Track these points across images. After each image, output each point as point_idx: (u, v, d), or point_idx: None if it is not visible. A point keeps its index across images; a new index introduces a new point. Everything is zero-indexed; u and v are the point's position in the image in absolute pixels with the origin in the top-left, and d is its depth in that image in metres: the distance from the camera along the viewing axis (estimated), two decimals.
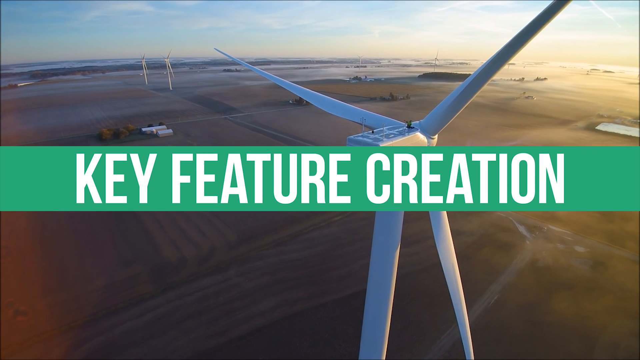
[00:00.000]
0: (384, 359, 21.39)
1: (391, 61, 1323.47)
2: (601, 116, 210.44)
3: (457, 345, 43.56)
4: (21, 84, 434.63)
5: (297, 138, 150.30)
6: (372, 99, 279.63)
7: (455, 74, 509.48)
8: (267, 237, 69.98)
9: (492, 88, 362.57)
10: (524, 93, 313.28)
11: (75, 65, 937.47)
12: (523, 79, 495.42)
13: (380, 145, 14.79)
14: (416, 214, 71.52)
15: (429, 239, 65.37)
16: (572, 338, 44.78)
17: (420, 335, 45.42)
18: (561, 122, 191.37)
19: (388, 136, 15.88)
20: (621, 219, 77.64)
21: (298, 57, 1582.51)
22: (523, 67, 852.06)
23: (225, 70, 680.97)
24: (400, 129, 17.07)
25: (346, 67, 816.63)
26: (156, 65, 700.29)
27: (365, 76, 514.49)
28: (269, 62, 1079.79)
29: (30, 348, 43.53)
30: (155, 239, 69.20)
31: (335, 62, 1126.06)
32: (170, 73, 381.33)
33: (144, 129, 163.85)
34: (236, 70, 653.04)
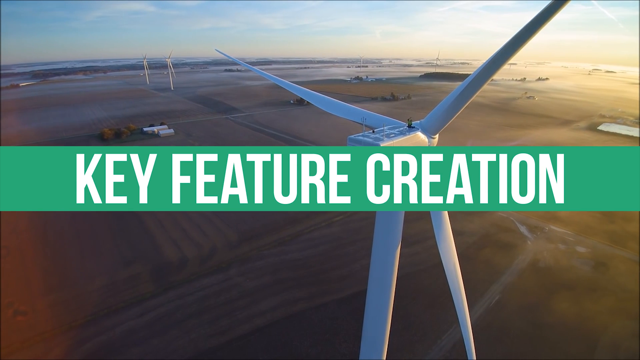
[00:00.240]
0: (385, 359, 21.40)
1: (392, 61, 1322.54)
2: (603, 116, 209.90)
3: (458, 346, 43.53)
4: (23, 84, 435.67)
5: (298, 138, 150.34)
6: (374, 99, 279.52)
7: (457, 73, 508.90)
8: (268, 237, 70.04)
9: (494, 88, 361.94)
10: (526, 93, 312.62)
11: (77, 65, 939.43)
12: (525, 79, 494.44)
13: (381, 144, 14.77)
14: (417, 214, 71.46)
15: (430, 239, 65.33)
16: (573, 339, 44.70)
17: (421, 336, 45.40)
18: (563, 122, 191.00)
19: (389, 136, 15.86)
20: (623, 220, 77.44)
21: (299, 57, 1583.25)
22: (525, 67, 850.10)
23: (226, 70, 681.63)
24: (401, 128, 17.07)
25: (347, 67, 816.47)
26: (157, 65, 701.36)
27: (367, 76, 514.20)
28: (270, 62, 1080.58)
29: (30, 347, 43.64)
30: (156, 239, 69.33)
31: (337, 62, 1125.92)
32: (171, 73, 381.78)
33: (145, 129, 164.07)
34: (237, 70, 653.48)
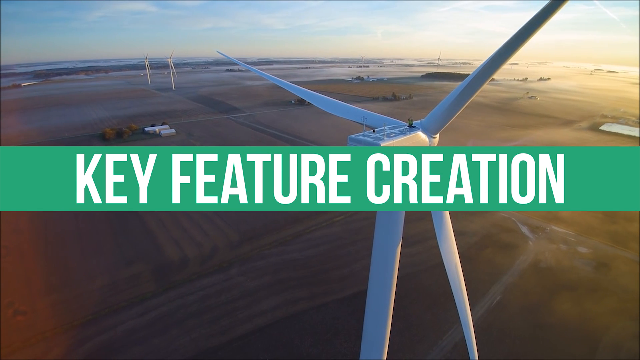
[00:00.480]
0: (385, 359, 21.39)
1: (394, 61, 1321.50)
2: (605, 116, 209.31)
3: (459, 346, 43.48)
4: (25, 84, 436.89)
5: (300, 138, 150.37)
6: (375, 98, 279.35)
7: (458, 73, 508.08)
8: (269, 237, 70.09)
9: (495, 88, 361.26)
10: (527, 93, 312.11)
11: (79, 65, 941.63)
12: (526, 79, 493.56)
13: (382, 144, 14.74)
14: (418, 214, 71.39)
15: (431, 239, 65.27)
16: (575, 340, 44.59)
17: (421, 336, 45.36)
18: (565, 123, 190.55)
19: (389, 135, 15.84)
20: (625, 220, 77.20)
21: (300, 57, 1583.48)
22: (526, 67, 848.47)
23: (227, 70, 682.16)
24: (402, 128, 17.04)
25: (348, 67, 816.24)
26: (159, 65, 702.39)
27: (368, 76, 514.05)
28: (271, 62, 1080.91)
29: (31, 347, 43.76)
30: (157, 238, 69.45)
31: (338, 62, 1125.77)
32: (173, 73, 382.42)
33: (146, 129, 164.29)
34: (239, 70, 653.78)
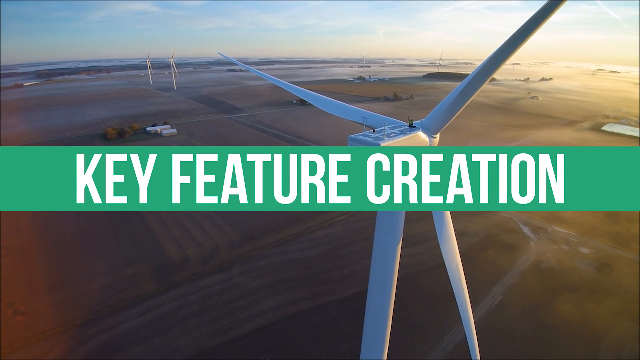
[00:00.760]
0: (385, 359, 21.38)
1: (395, 61, 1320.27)
2: (607, 117, 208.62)
3: (460, 346, 43.42)
4: (27, 84, 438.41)
5: (301, 138, 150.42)
6: (376, 98, 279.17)
7: (460, 73, 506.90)
8: (270, 237, 70.13)
9: (497, 88, 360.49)
10: (529, 93, 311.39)
11: (81, 65, 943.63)
12: (528, 79, 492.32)
13: (382, 144, 14.72)
14: (419, 215, 71.34)
15: (432, 239, 65.17)
16: (576, 340, 44.46)
17: (422, 336, 45.31)
18: (567, 123, 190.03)
19: (389, 135, 15.82)
20: (627, 221, 76.92)
21: (302, 57, 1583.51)
22: (528, 67, 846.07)
23: (229, 70, 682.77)
24: (402, 128, 17.02)
25: (350, 67, 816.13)
26: (161, 65, 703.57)
27: (369, 76, 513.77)
28: (273, 62, 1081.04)
29: (32, 346, 43.93)
30: (158, 238, 69.60)
31: (339, 62, 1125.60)
32: (174, 73, 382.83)
33: (148, 129, 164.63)
34: (240, 70, 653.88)
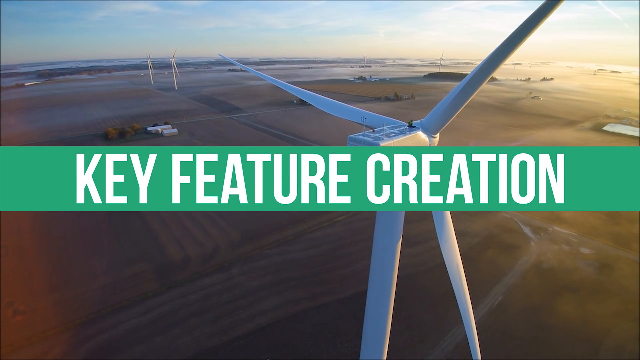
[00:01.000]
0: (385, 359, 21.38)
1: (396, 61, 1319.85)
2: (608, 117, 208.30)
3: (460, 347, 43.40)
4: (28, 84, 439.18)
5: (301, 138, 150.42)
6: (377, 98, 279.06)
7: (461, 73, 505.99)
8: (271, 237, 70.16)
9: (498, 88, 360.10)
10: (530, 93, 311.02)
11: (82, 65, 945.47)
12: (529, 79, 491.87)
13: (381, 144, 14.72)
14: (419, 214, 71.31)
15: (432, 239, 65.12)
16: (577, 341, 44.40)
17: (422, 336, 45.29)
18: (568, 123, 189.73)
19: (389, 135, 15.82)
20: (628, 221, 76.77)
21: (303, 57, 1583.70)
22: (529, 67, 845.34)
23: (230, 70, 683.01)
24: (401, 128, 17.01)
25: (351, 67, 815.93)
26: (162, 65, 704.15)
27: (370, 76, 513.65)
28: (274, 62, 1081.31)
29: (32, 346, 44.02)
30: (159, 238, 69.68)
31: (340, 62, 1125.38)
32: (175, 73, 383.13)
33: (149, 129, 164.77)
34: (241, 70, 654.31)
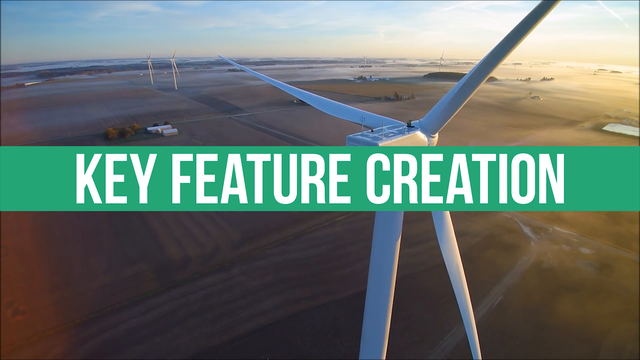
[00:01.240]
0: (384, 359, 21.38)
1: (396, 61, 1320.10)
2: (608, 117, 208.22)
3: (460, 347, 43.39)
4: (28, 84, 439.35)
5: (302, 138, 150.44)
6: (377, 98, 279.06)
7: (461, 73, 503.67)
8: (271, 237, 70.18)
9: (498, 88, 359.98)
10: (530, 93, 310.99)
11: (82, 65, 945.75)
12: (529, 79, 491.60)
13: (380, 144, 14.73)
14: (419, 214, 71.31)
15: (433, 239, 65.11)
16: (577, 341, 44.38)
17: (422, 336, 45.29)
18: (568, 123, 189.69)
19: (388, 135, 15.82)
20: (628, 221, 76.73)
21: (303, 57, 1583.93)
22: (529, 67, 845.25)
23: (230, 70, 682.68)
24: (400, 127, 17.01)
25: (351, 67, 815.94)
26: (162, 65, 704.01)
27: (370, 76, 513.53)
28: (274, 62, 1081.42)
29: (32, 346, 44.03)
30: (159, 238, 69.71)
31: (340, 62, 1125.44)
32: (175, 73, 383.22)
33: (149, 128, 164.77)
34: (241, 70, 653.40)
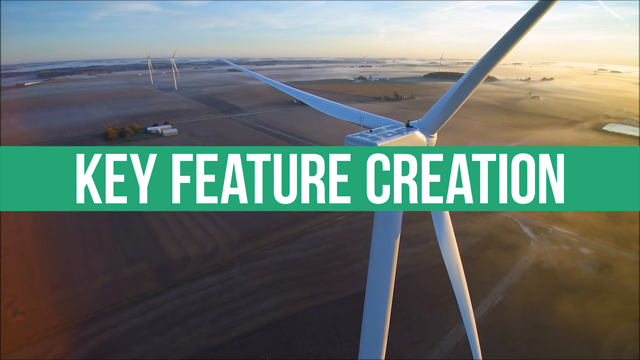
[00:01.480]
0: (384, 359, 21.38)
1: (396, 61, 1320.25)
2: (608, 117, 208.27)
3: (460, 347, 43.40)
4: (28, 84, 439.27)
5: (301, 138, 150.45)
6: (377, 98, 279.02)
7: (461, 73, 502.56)
8: (271, 237, 70.18)
9: (498, 88, 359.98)
10: (530, 93, 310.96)
11: (82, 65, 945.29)
12: (529, 78, 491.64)
13: (378, 144, 14.74)
14: (419, 214, 71.30)
15: (432, 239, 65.12)
16: (576, 341, 44.40)
17: (422, 336, 45.30)
18: (568, 123, 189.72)
19: (386, 135, 15.84)
20: (628, 221, 76.74)
21: (303, 57, 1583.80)
22: (529, 67, 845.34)
23: (230, 70, 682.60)
24: (399, 128, 17.03)
25: (351, 67, 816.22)
26: (162, 65, 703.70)
27: (370, 76, 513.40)
28: (274, 62, 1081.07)
29: (32, 346, 44.04)
30: (159, 238, 69.70)
31: (340, 62, 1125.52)
32: (175, 73, 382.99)
33: (149, 129, 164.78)
34: (240, 70, 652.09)
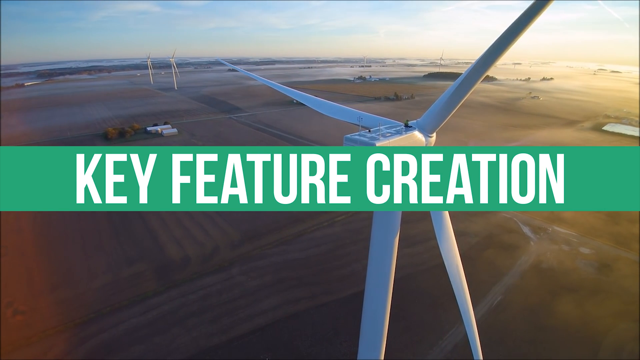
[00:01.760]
0: (383, 358, 21.39)
1: (396, 61, 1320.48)
2: (608, 117, 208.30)
3: (459, 347, 43.41)
4: (28, 84, 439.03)
5: (301, 138, 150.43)
6: (377, 98, 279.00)
7: (461, 73, 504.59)
8: (271, 237, 70.17)
9: (498, 88, 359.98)
10: (530, 93, 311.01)
11: (82, 65, 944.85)
12: (529, 78, 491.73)
13: (377, 144, 14.75)
14: (419, 214, 71.31)
15: (432, 239, 65.13)
16: (576, 341, 44.41)
17: (422, 336, 45.30)
18: (568, 123, 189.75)
19: (385, 135, 15.85)
20: (628, 221, 76.77)
21: (303, 57, 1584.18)
22: (529, 67, 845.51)
23: (230, 70, 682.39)
24: (398, 128, 17.04)
25: (351, 67, 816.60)
26: (162, 65, 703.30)
27: (370, 76, 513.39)
28: (274, 62, 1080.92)
29: (32, 345, 44.02)
30: (159, 238, 69.68)
31: (340, 62, 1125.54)
32: (175, 73, 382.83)
33: (149, 129, 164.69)
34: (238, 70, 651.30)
